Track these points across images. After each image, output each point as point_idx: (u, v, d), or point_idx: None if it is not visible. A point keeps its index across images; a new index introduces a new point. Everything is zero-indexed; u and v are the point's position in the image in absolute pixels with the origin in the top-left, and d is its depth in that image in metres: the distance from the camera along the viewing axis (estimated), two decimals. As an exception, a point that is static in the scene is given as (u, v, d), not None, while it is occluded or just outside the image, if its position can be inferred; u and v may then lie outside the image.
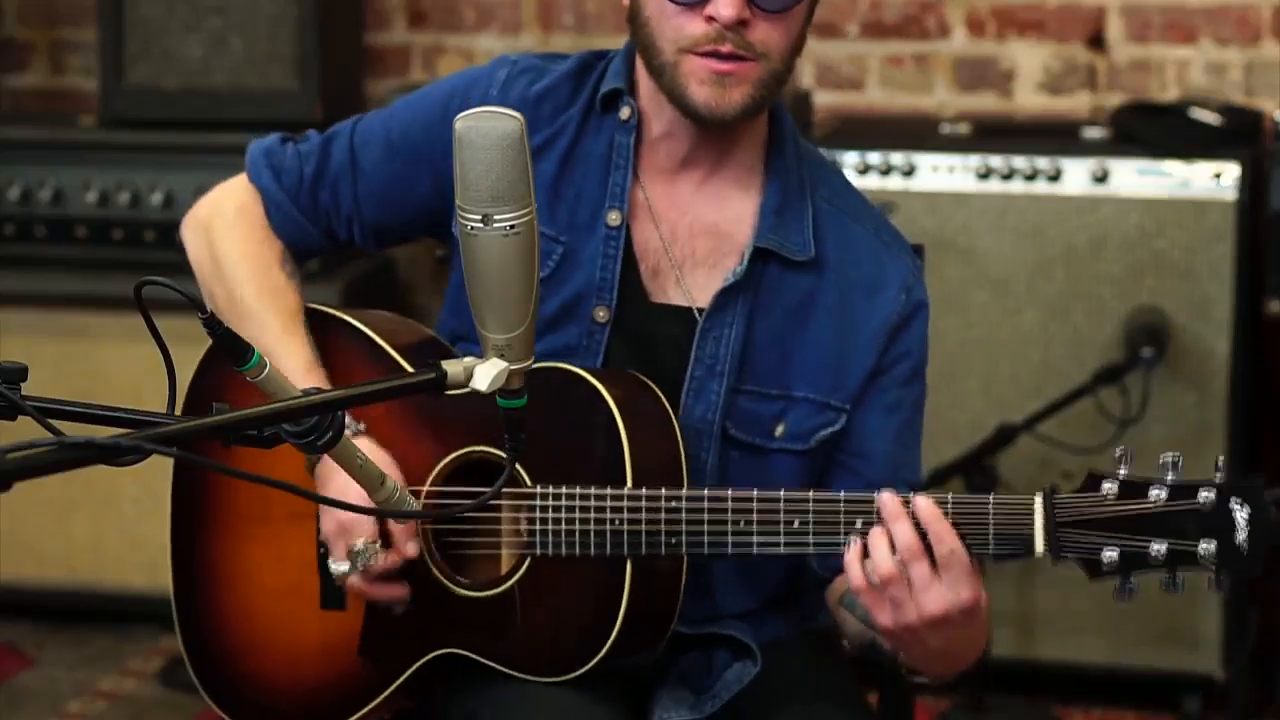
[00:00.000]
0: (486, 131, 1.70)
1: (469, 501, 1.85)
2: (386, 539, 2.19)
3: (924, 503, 2.00)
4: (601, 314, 2.25)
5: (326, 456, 2.16)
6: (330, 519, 2.21)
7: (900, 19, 4.44)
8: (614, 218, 2.26)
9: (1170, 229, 3.85)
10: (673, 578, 2.17)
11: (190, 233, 2.37)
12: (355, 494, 2.15)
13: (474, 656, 2.18)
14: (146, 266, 3.99)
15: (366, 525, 2.19)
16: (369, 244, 2.39)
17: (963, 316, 3.93)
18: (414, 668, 2.22)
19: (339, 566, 2.20)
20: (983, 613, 2.02)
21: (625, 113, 2.27)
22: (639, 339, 2.25)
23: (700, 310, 2.24)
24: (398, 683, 2.22)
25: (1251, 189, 3.84)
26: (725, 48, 2.13)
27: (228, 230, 2.34)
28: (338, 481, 2.14)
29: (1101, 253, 3.88)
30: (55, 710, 4.04)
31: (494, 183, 1.70)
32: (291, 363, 2.23)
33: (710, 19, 2.13)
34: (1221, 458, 2.02)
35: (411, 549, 2.20)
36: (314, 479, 2.22)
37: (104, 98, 4.31)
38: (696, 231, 2.27)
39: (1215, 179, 3.83)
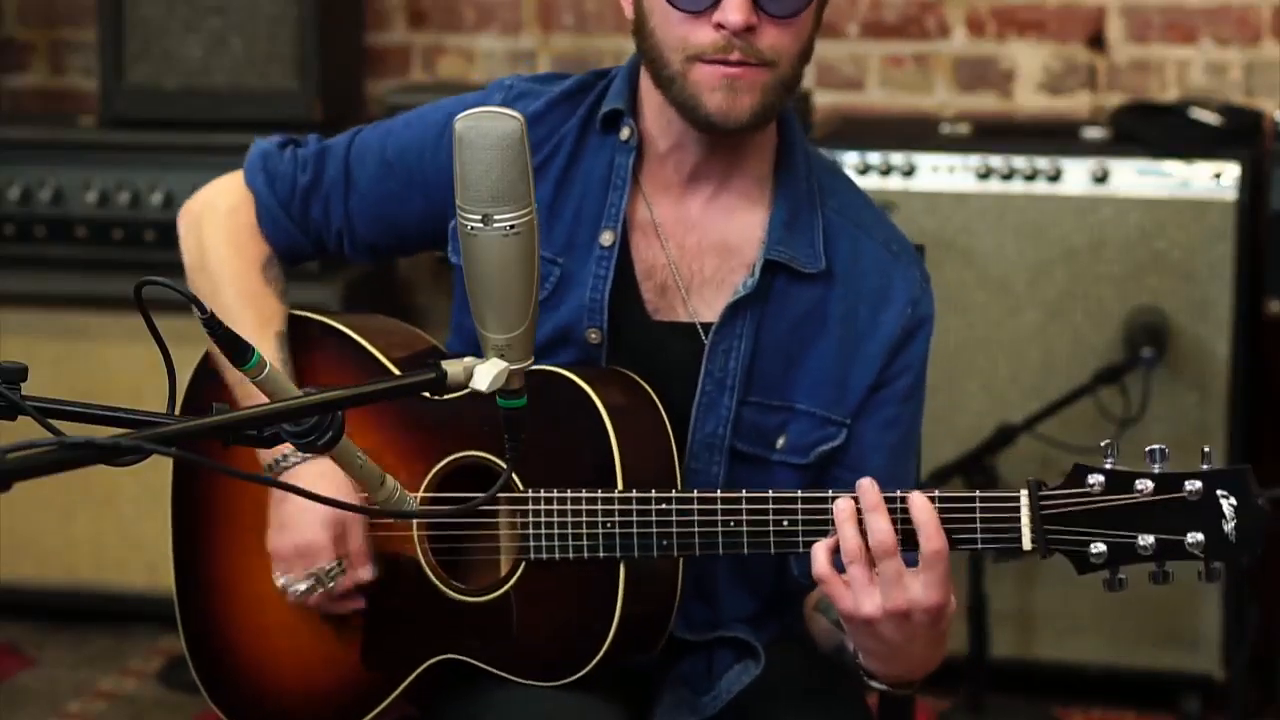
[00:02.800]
0: (486, 131, 1.70)
1: (465, 507, 1.84)
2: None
3: (920, 499, 1.99)
4: (594, 336, 2.24)
5: (287, 471, 2.20)
6: (287, 539, 2.20)
7: (900, 19, 4.44)
8: (607, 238, 2.24)
9: (1170, 229, 3.85)
10: (669, 579, 2.16)
11: (183, 223, 2.39)
12: (317, 507, 2.16)
13: (473, 662, 2.18)
14: (146, 266, 3.99)
15: (327, 550, 2.19)
16: (360, 258, 2.38)
17: (963, 316, 3.93)
18: (414, 674, 2.22)
19: (298, 585, 2.20)
20: (947, 619, 2.00)
21: (625, 133, 2.25)
22: (641, 358, 2.23)
23: (706, 326, 2.23)
24: (399, 689, 2.22)
25: (1251, 189, 3.84)
26: (734, 56, 2.11)
27: (217, 229, 2.34)
28: (298, 499, 2.14)
29: (1101, 253, 3.88)
30: (55, 710, 4.03)
31: (494, 183, 1.70)
32: None
33: (718, 26, 2.11)
34: (1208, 448, 2.01)
35: (366, 573, 2.20)
36: (271, 492, 2.22)
37: (104, 98, 4.32)
38: (705, 248, 2.25)
39: (1215, 179, 3.83)
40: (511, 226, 1.72)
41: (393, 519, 2.18)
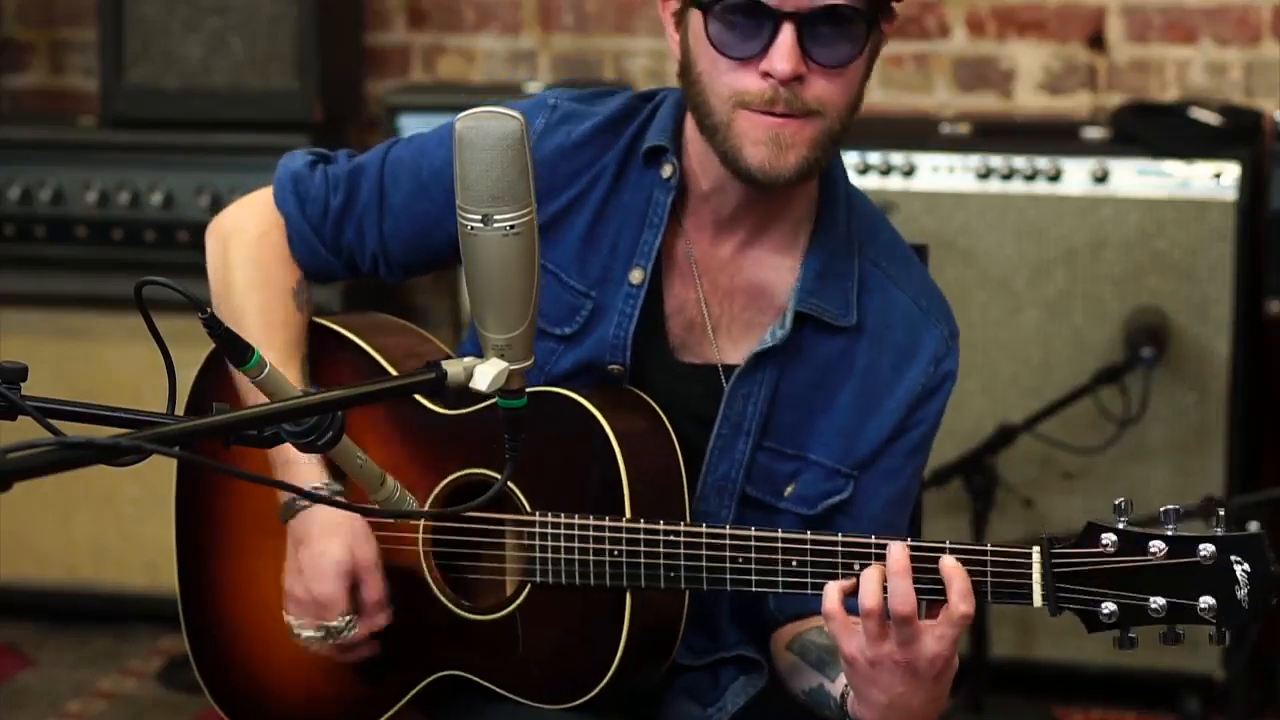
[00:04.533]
0: (487, 132, 1.69)
1: (463, 508, 1.84)
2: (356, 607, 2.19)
3: (951, 562, 1.95)
4: (615, 370, 2.21)
5: (302, 514, 2.18)
6: (303, 587, 2.18)
7: (900, 19, 4.43)
8: (636, 276, 2.20)
9: (1170, 229, 3.85)
10: (674, 604, 2.15)
11: (211, 240, 2.33)
12: (332, 558, 2.15)
13: (476, 679, 2.18)
14: (146, 266, 4.00)
15: (341, 604, 2.17)
16: (393, 277, 2.32)
17: (963, 316, 3.88)
18: (418, 688, 2.21)
19: (310, 634, 2.19)
20: (950, 673, 1.98)
21: (667, 170, 2.20)
22: (662, 397, 2.20)
23: (728, 369, 2.20)
24: (402, 702, 2.22)
25: (1251, 189, 3.84)
26: (779, 107, 2.06)
27: (245, 252, 2.29)
28: (314, 545, 2.14)
29: (1101, 253, 3.88)
30: (55, 710, 4.03)
31: (494, 183, 1.70)
32: None
33: (765, 75, 2.06)
34: (1222, 510, 1.97)
35: (382, 620, 2.19)
36: (290, 531, 2.21)
37: (104, 98, 4.31)
38: (737, 289, 2.22)
39: (1215, 179, 3.83)
40: (511, 226, 1.71)
41: (393, 519, 2.18)
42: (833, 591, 1.96)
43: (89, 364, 4.24)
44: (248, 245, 2.30)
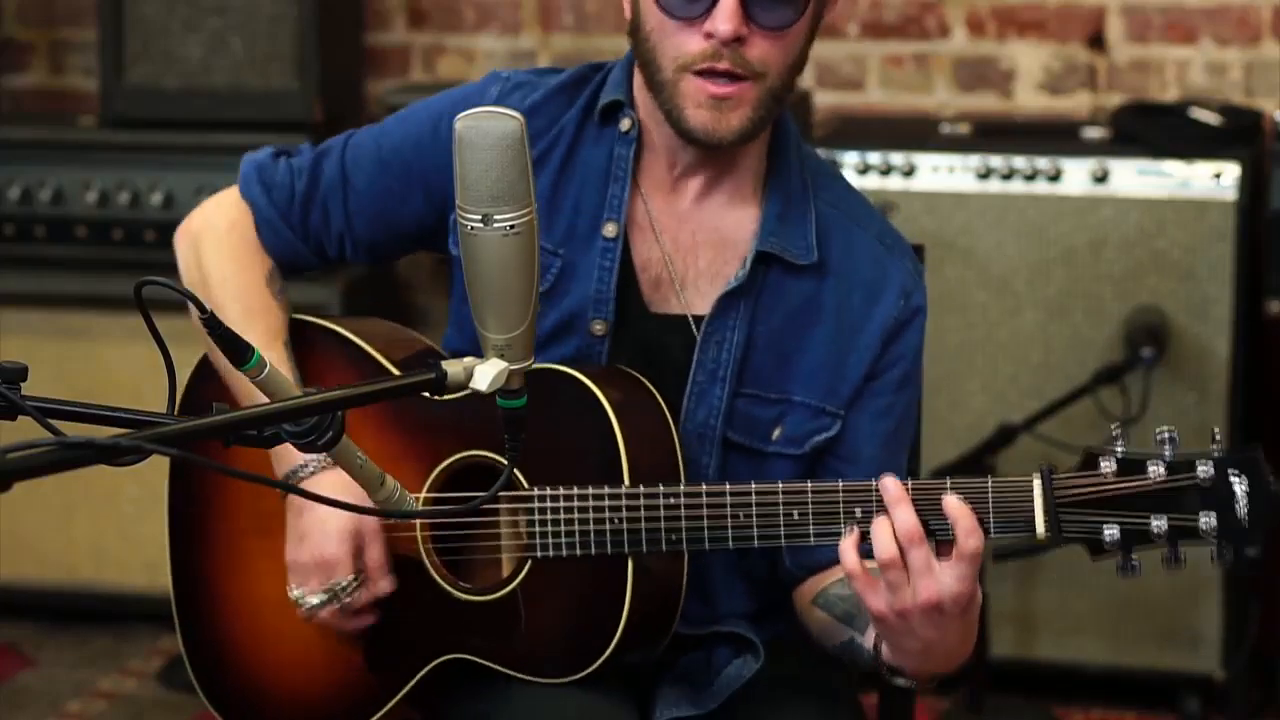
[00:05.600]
0: (487, 131, 1.70)
1: (468, 505, 1.84)
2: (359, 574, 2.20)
3: (952, 499, 1.98)
4: (599, 327, 2.24)
5: (303, 482, 2.18)
6: (307, 552, 2.19)
7: (900, 19, 4.44)
8: (610, 230, 2.24)
9: (1170, 229, 3.85)
10: (675, 573, 2.17)
11: (181, 243, 2.37)
12: (337, 519, 2.17)
13: (480, 661, 2.18)
14: (146, 266, 3.97)
15: (346, 564, 2.18)
16: (361, 259, 2.37)
17: (963, 316, 3.93)
18: (419, 675, 2.21)
19: (312, 599, 2.19)
20: (976, 608, 2.01)
21: (625, 124, 2.26)
22: (639, 350, 2.24)
23: (699, 319, 2.24)
24: (403, 692, 2.22)
25: (1251, 189, 3.84)
26: (722, 65, 2.12)
27: (217, 246, 2.33)
28: (318, 509, 2.15)
29: (1101, 253, 3.88)
30: (55, 710, 4.03)
31: (494, 183, 1.70)
32: None
33: (709, 35, 2.11)
34: (1217, 429, 2.02)
35: (386, 585, 2.20)
36: (289, 502, 2.22)
37: (104, 98, 4.32)
38: (699, 242, 2.26)
39: (1215, 179, 3.83)
40: (511, 226, 1.71)
41: (396, 519, 2.18)
42: (849, 550, 1.99)
43: (89, 364, 4.24)
44: (219, 238, 2.33)
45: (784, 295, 2.25)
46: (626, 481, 2.12)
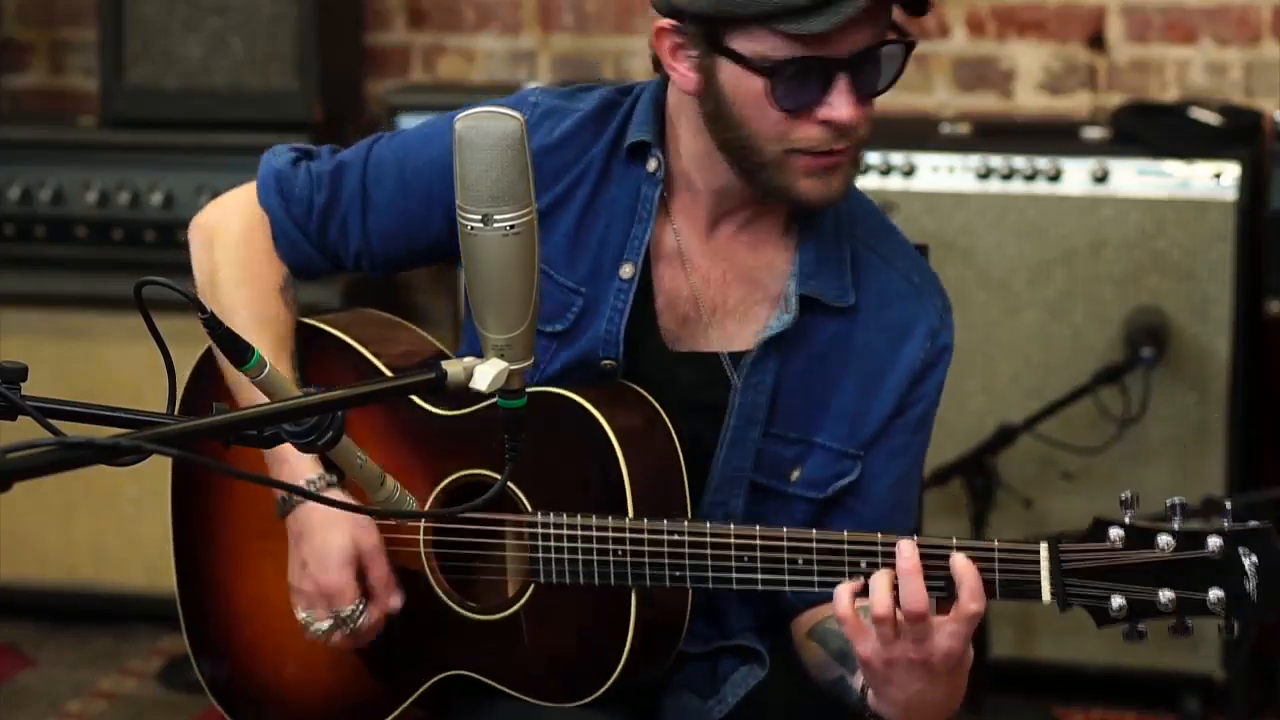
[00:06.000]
0: (487, 131, 1.69)
1: (469, 505, 1.84)
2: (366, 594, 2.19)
3: (962, 560, 1.96)
4: (608, 365, 2.21)
5: (299, 507, 2.18)
6: (309, 580, 2.18)
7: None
8: (627, 271, 2.20)
9: (1170, 229, 3.85)
10: (679, 599, 2.15)
11: (195, 238, 2.33)
12: (335, 546, 2.16)
13: (482, 679, 2.18)
14: (146, 266, 3.99)
15: (350, 591, 2.17)
16: (376, 273, 2.33)
17: (963, 316, 3.88)
18: (422, 689, 2.21)
19: (319, 625, 2.19)
20: (966, 666, 1.99)
21: (652, 165, 2.20)
22: (657, 390, 2.20)
23: (733, 356, 2.21)
24: (407, 702, 2.22)
25: (1251, 189, 3.84)
26: (840, 145, 2.09)
27: (230, 250, 2.29)
28: (315, 537, 2.14)
29: (1101, 253, 3.88)
30: (55, 710, 4.03)
31: (494, 183, 1.70)
32: None
33: (823, 122, 2.07)
34: (1229, 504, 1.97)
35: (395, 601, 2.19)
36: (289, 526, 2.20)
37: (104, 98, 4.31)
38: (730, 279, 2.23)
39: (1215, 179, 3.83)
40: (511, 226, 1.71)
41: (394, 519, 2.18)
42: (844, 595, 1.97)
43: (89, 364, 4.24)
44: (233, 243, 2.29)
45: (815, 336, 2.22)
46: (630, 512, 2.10)
